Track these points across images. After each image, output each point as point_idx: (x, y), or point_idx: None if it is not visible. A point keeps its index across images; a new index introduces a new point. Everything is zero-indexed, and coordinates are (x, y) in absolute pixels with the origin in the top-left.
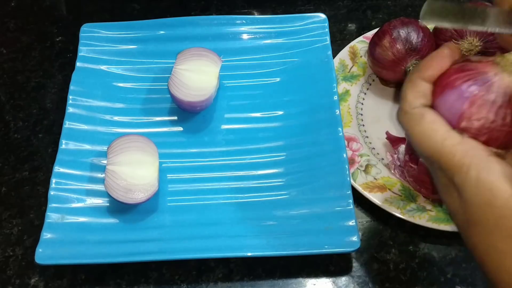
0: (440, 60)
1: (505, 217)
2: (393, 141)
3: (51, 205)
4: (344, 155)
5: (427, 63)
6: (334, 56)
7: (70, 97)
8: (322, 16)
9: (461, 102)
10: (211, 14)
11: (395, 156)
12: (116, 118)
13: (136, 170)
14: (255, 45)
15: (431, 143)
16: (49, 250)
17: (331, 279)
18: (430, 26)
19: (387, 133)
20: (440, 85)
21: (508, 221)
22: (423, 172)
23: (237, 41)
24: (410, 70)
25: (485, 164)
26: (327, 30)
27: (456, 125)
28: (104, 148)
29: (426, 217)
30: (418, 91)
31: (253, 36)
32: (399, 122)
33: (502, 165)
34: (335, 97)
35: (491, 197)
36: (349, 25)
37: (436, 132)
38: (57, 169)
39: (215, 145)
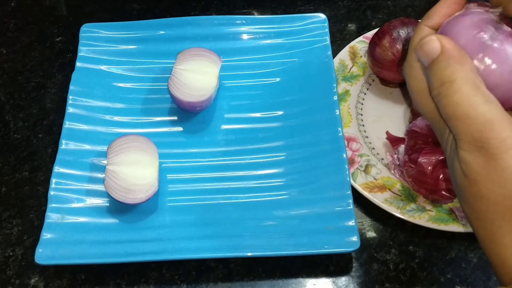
0: (446, 6)
1: None
2: (393, 141)
3: (51, 205)
4: (344, 155)
5: (433, 9)
6: (334, 56)
7: (70, 97)
8: (322, 16)
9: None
10: (211, 14)
11: (395, 156)
12: (116, 118)
13: (136, 170)
14: (255, 45)
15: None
16: (49, 250)
17: (331, 279)
18: None
19: (387, 133)
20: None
21: None
22: (422, 172)
23: (237, 41)
24: None
25: None
26: (327, 30)
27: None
28: (104, 148)
29: (426, 217)
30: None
31: (253, 36)
32: (404, 73)
33: None
34: (335, 97)
35: None
36: (349, 25)
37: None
38: (57, 169)
39: (215, 145)
